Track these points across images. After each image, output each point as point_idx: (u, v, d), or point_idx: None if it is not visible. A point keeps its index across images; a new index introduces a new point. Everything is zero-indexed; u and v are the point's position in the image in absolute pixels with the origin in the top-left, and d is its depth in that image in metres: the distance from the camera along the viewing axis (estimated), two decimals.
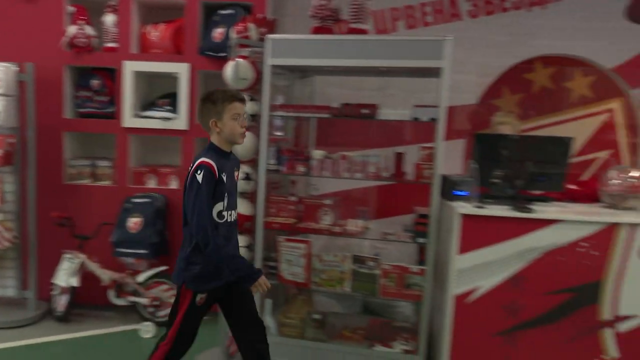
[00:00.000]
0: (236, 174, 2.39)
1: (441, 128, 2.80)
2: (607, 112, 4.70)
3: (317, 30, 3.02)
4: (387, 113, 2.87)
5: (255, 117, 3.00)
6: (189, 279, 2.28)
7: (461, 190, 2.95)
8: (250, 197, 3.09)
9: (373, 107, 2.91)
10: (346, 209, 3.39)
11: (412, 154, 3.04)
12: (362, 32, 2.94)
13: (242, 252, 2.81)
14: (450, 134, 3.43)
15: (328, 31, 3.00)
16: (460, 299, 2.79)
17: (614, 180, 2.92)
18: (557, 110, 4.72)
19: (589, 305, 2.74)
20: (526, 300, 2.75)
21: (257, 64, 2.97)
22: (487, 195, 3.16)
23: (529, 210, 2.75)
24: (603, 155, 4.74)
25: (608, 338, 2.75)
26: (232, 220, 2.34)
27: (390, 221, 3.70)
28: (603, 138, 4.70)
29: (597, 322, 2.75)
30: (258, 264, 3.09)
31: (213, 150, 2.27)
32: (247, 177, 3.04)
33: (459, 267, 2.78)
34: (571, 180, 3.62)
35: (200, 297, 2.29)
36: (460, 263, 2.78)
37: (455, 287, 2.80)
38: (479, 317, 2.79)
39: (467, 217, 2.74)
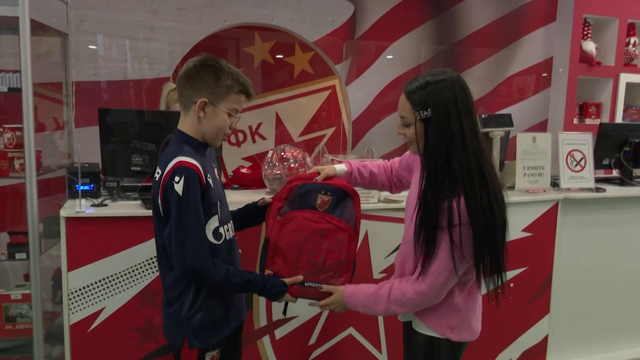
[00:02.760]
0: (215, 171, 1.67)
1: (30, 100, 2.04)
2: (329, 89, 4.53)
3: None
4: None
5: None
6: (191, 332, 1.58)
7: (87, 184, 2.28)
8: None
9: None
10: None
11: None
12: None
13: None
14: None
15: None
16: (78, 327, 2.12)
17: (274, 162, 2.53)
18: (283, 87, 4.40)
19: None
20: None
21: None
22: (130, 187, 2.54)
23: None
24: (329, 132, 4.60)
25: (266, 345, 2.37)
26: (231, 237, 1.67)
27: None
28: (328, 115, 4.54)
29: (253, 331, 2.34)
30: None
31: (187, 143, 1.55)
32: None
33: (72, 288, 2.10)
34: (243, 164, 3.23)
35: (211, 357, 1.62)
36: (73, 282, 2.09)
37: (71, 315, 2.11)
38: (106, 348, 2.15)
39: (75, 221, 2.06)
